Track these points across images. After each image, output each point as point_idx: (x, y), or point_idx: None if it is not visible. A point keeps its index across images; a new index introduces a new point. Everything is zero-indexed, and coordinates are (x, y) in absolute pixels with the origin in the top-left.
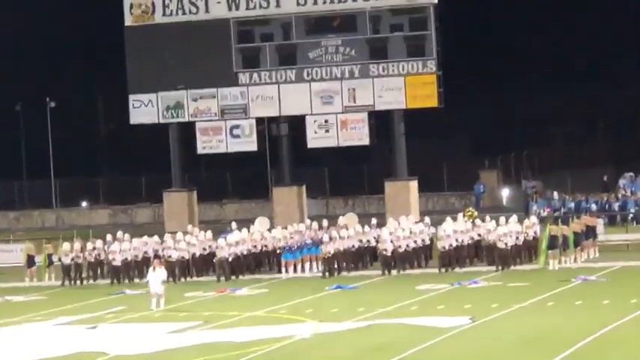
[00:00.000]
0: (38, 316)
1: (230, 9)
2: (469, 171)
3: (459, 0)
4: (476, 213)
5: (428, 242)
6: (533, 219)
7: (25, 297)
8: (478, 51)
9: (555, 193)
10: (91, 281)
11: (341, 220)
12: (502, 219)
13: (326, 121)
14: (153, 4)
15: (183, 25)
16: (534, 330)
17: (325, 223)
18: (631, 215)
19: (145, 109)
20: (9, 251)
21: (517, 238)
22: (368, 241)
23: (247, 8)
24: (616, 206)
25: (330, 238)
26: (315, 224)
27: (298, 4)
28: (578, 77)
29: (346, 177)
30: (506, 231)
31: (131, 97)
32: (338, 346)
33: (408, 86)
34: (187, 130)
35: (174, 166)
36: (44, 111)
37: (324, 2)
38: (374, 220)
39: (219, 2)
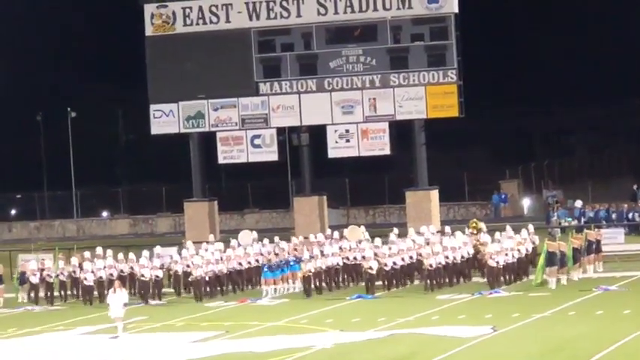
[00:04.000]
0: (60, 325)
1: (251, 19)
2: (490, 180)
3: (481, 10)
4: (480, 224)
5: (415, 259)
6: (525, 234)
7: (45, 307)
8: (500, 61)
9: (579, 202)
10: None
11: (346, 233)
12: (498, 233)
13: (347, 131)
14: (174, 13)
15: (203, 35)
16: (556, 340)
17: (337, 234)
18: None
19: (166, 119)
20: (29, 261)
21: (513, 255)
22: (355, 258)
23: (268, 18)
24: (637, 216)
25: (311, 256)
26: (336, 234)
27: (319, 13)
28: (599, 86)
29: (367, 187)
30: (499, 249)
31: (152, 107)
32: (359, 356)
33: (428, 96)
34: (208, 139)
35: (195, 176)
36: (65, 121)
37: (345, 12)
38: (395, 230)
39: (239, 12)
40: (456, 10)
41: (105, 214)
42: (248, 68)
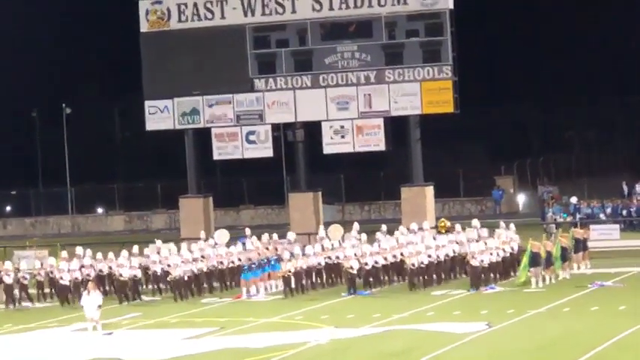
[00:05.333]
0: (55, 322)
1: (246, 15)
2: (485, 177)
3: (477, 5)
4: (449, 224)
5: (399, 258)
6: (511, 234)
7: (40, 303)
8: (496, 57)
9: (574, 198)
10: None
11: (329, 231)
12: (472, 231)
13: (342, 127)
14: (168, 10)
15: (198, 31)
16: (551, 335)
17: (322, 232)
18: None
19: (161, 115)
20: (25, 257)
21: (498, 254)
22: (338, 257)
23: (263, 14)
24: (633, 212)
25: (292, 255)
26: (322, 232)
27: (314, 9)
28: (595, 84)
29: (362, 183)
30: (483, 248)
31: (147, 103)
32: (354, 352)
33: (423, 92)
34: (203, 136)
35: (190, 172)
36: (60, 117)
37: (340, 8)
38: (384, 227)
39: (234, 8)
40: (451, 6)
41: (100, 210)
42: (243, 64)
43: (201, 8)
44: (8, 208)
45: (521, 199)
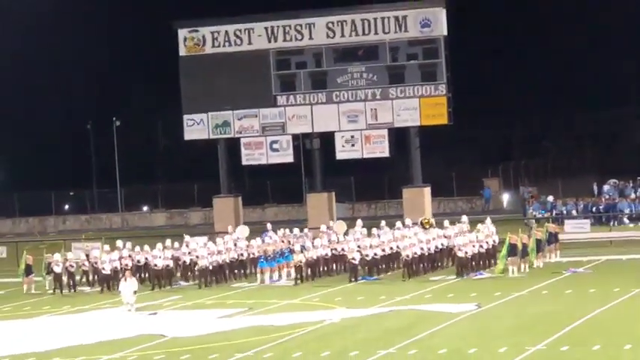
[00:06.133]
0: (107, 304)
1: (270, 41)
2: (475, 179)
3: (469, 34)
4: (432, 220)
5: (396, 250)
6: (492, 228)
7: (92, 288)
8: (484, 77)
9: (551, 197)
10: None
11: (334, 226)
12: (461, 226)
13: (352, 137)
14: (204, 37)
15: (229, 55)
16: (532, 314)
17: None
18: (625, 215)
19: (197, 126)
20: (80, 248)
21: (481, 246)
22: (343, 249)
23: (284, 40)
24: (601, 209)
25: (303, 247)
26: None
27: (328, 36)
28: (567, 100)
29: (369, 184)
30: (467, 241)
31: (185, 117)
32: (364, 329)
33: (422, 106)
34: (233, 144)
35: (222, 176)
36: (111, 129)
37: (350, 35)
38: (383, 223)
39: (260, 35)
40: (445, 33)
41: (145, 208)
42: (267, 83)
43: (231, 35)
44: (67, 207)
45: (505, 197)
